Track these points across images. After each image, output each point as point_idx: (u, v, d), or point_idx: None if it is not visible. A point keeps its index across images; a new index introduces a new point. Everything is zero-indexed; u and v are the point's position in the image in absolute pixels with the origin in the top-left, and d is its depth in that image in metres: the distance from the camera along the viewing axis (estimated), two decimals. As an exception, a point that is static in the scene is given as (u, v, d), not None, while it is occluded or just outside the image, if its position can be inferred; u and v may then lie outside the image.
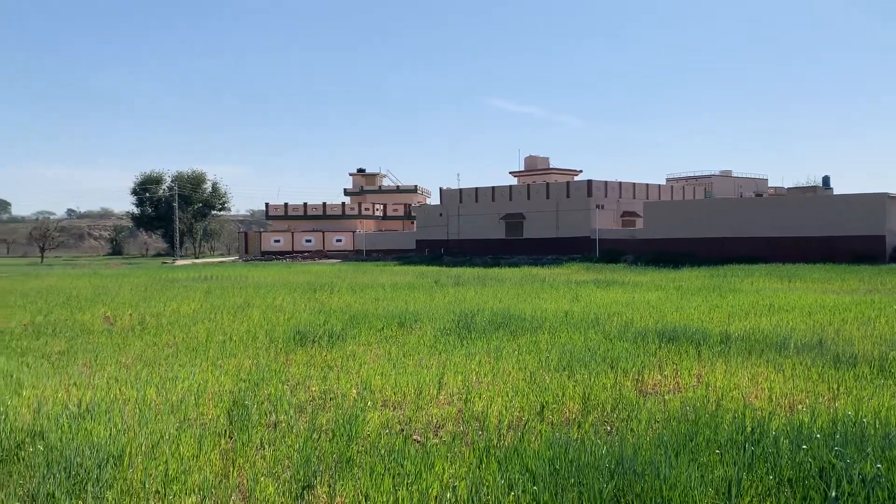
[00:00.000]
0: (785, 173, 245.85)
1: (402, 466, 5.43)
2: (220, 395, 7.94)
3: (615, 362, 9.71)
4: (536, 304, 17.82)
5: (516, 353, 10.71)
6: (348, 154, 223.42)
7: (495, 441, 6.10)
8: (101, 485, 4.92)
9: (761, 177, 73.16)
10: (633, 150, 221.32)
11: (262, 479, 5.21)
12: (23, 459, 5.52)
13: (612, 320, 14.36)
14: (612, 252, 47.02)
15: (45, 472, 5.07)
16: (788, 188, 73.43)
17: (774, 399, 7.76)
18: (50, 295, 23.37)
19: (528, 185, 59.52)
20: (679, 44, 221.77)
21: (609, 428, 6.78)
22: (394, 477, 5.21)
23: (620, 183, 55.48)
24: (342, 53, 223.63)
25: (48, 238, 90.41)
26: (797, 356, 10.07)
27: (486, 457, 5.69)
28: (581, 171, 67.51)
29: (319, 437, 6.23)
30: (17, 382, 8.74)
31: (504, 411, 7.23)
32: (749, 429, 6.19)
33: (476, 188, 60.68)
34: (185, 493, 4.93)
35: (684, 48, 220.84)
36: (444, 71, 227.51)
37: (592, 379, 8.69)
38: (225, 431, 6.46)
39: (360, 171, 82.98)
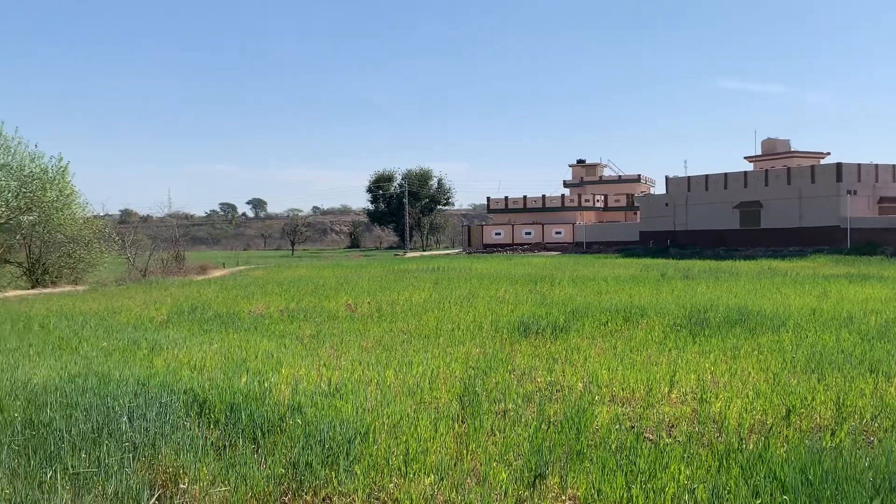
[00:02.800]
0: None
1: (634, 464, 5.27)
2: (451, 381, 8.28)
3: (875, 365, 8.67)
4: (778, 300, 16.44)
5: (756, 352, 9.96)
6: (568, 145, 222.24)
7: (736, 445, 5.71)
8: (350, 459, 5.34)
9: None
10: (893, 129, 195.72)
11: (494, 464, 5.34)
12: (285, 431, 6.16)
13: (868, 319, 12.83)
14: (867, 243, 42.01)
15: (304, 443, 5.61)
16: None
17: None
18: (300, 284, 25.94)
19: (766, 170, 55.06)
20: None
21: (870, 438, 6.06)
22: (626, 474, 5.08)
23: (877, 165, 49.40)
24: (559, 42, 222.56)
25: (297, 233, 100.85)
26: None
27: (726, 461, 5.35)
28: (828, 154, 61.08)
29: (548, 427, 6.25)
30: (276, 362, 9.78)
31: (744, 414, 6.76)
32: None
33: (706, 175, 57.39)
34: (424, 473, 5.20)
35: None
36: (669, 53, 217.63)
37: (847, 383, 7.84)
38: (457, 416, 6.72)
39: (580, 161, 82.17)
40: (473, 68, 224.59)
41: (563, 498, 4.89)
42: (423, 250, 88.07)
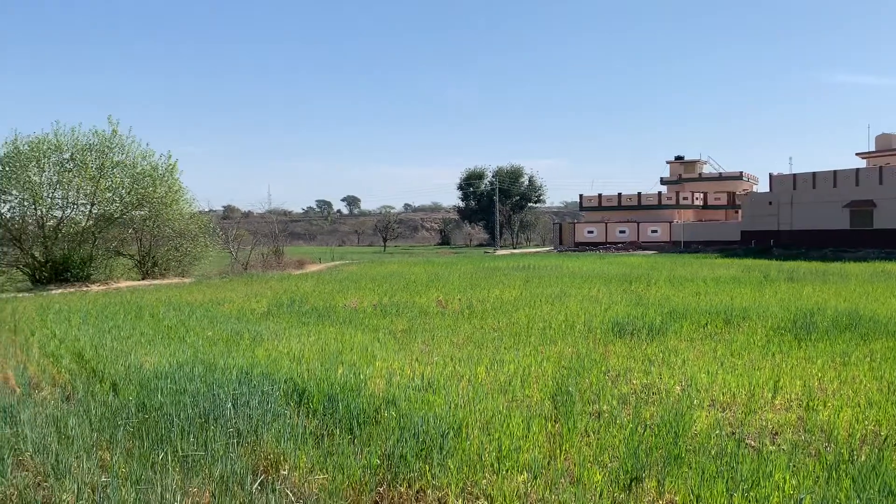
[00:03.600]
0: None
1: (735, 471, 5.08)
2: (543, 380, 8.21)
3: None
4: (893, 305, 15.45)
5: (868, 359, 9.40)
6: (665, 141, 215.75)
7: (846, 455, 5.41)
8: (444, 453, 5.39)
9: None
10: None
11: (588, 465, 5.27)
12: (379, 423, 6.28)
13: None
14: None
15: (399, 436, 5.70)
16: None
17: None
18: (392, 279, 26.38)
19: (881, 167, 51.79)
20: None
21: None
22: (727, 481, 4.90)
23: None
24: (655, 35, 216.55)
25: (389, 229, 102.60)
26: None
27: (835, 472, 5.07)
28: (951, 149, 56.81)
29: (644, 430, 6.11)
30: (371, 355, 9.98)
31: (855, 423, 6.39)
32: None
33: (813, 173, 54.51)
34: (517, 470, 5.19)
35: None
36: (773, 45, 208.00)
37: (974, 396, 7.28)
38: (550, 415, 6.66)
39: (678, 158, 79.71)
40: (566, 63, 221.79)
41: (661, 502, 4.77)
42: (514, 248, 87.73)
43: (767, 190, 58.97)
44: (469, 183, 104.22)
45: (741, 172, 75.86)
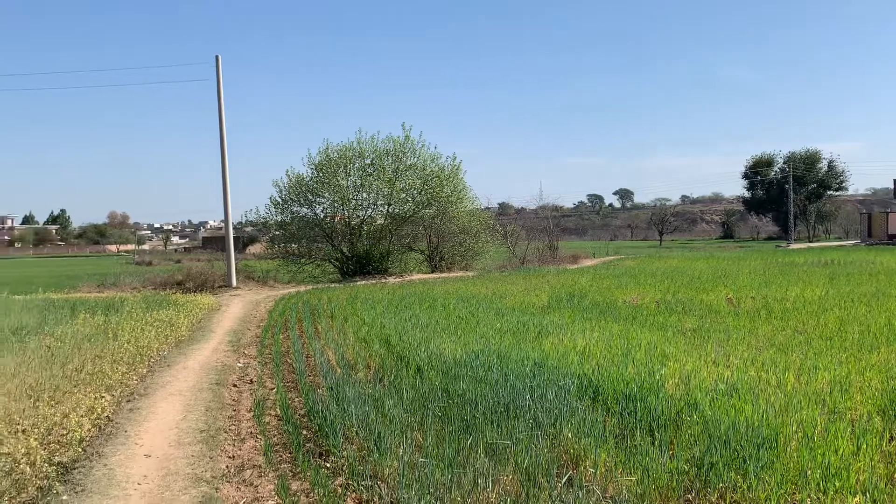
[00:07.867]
0: None
1: None
2: (867, 392, 7.22)
3: None
4: None
5: None
6: None
7: None
8: (760, 465, 4.96)
9: None
10: None
11: (943, 496, 4.50)
12: (681, 427, 5.98)
13: None
14: None
15: (708, 443, 5.37)
16: None
17: None
18: (673, 275, 25.24)
19: None
20: None
21: None
22: None
23: None
24: None
25: (665, 223, 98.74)
26: None
27: None
28: None
29: None
30: (661, 354, 9.59)
31: None
32: None
33: None
34: (849, 492, 4.60)
35: None
36: None
37: None
38: (882, 432, 5.82)
39: None
40: (863, 34, 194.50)
41: None
42: (810, 241, 79.25)
43: None
44: (755, 171, 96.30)
45: None
